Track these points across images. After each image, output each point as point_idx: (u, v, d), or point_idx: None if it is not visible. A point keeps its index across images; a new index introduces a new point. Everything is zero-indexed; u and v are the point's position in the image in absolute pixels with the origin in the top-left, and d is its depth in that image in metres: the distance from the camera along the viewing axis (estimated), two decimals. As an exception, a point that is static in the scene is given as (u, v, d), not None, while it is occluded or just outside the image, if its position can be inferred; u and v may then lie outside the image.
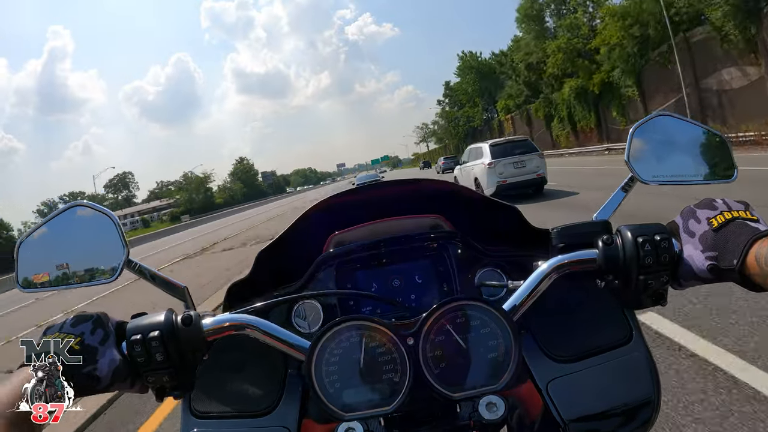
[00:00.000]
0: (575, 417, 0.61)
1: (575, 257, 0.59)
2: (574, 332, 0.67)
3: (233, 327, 0.58)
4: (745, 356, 2.12)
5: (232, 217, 35.93)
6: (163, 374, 0.53)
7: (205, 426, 0.65)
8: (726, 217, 0.52)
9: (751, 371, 2.00)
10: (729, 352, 2.18)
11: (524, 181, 9.71)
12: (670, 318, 2.63)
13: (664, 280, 0.55)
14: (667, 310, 2.64)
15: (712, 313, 2.61)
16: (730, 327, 2.41)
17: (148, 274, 0.63)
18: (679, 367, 2.15)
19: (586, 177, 12.13)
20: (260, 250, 0.78)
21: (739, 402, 1.82)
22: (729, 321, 2.48)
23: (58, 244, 0.63)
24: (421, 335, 0.54)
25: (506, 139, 11.14)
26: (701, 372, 2.07)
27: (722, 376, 2.00)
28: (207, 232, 22.34)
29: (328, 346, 0.55)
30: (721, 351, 2.20)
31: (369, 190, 0.86)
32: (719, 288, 2.59)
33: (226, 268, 8.13)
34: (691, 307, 2.72)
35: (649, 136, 0.67)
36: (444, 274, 0.79)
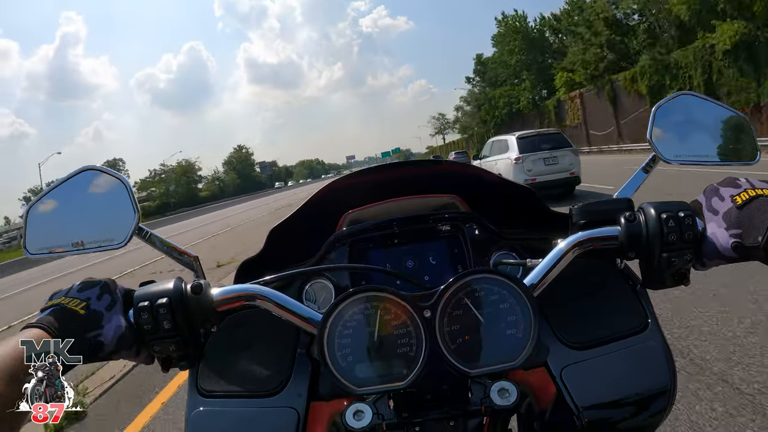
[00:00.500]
0: (589, 404, 0.60)
1: (597, 234, 0.58)
2: (589, 319, 0.66)
3: (244, 297, 0.57)
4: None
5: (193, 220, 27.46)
6: (170, 343, 0.52)
7: (211, 405, 0.64)
8: (750, 195, 0.51)
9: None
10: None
11: (555, 180, 8.39)
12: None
13: (687, 258, 0.54)
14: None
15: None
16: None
17: (158, 242, 0.62)
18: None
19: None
20: (273, 227, 0.76)
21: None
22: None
23: (68, 209, 0.62)
24: (438, 308, 0.53)
25: (535, 132, 9.86)
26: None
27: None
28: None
29: (341, 318, 0.54)
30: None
31: (386, 171, 0.85)
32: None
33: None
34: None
35: (672, 115, 0.66)
36: (459, 256, 0.77)
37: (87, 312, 0.50)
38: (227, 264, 7.22)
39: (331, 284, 0.74)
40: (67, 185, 0.62)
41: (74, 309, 0.50)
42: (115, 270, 9.17)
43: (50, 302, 0.51)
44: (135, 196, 0.59)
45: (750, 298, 2.84)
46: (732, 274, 2.93)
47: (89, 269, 11.43)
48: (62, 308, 0.50)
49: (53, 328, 0.47)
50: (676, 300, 2.91)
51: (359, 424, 0.53)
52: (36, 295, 8.75)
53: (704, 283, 3.01)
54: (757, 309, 2.69)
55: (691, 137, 0.66)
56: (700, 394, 1.99)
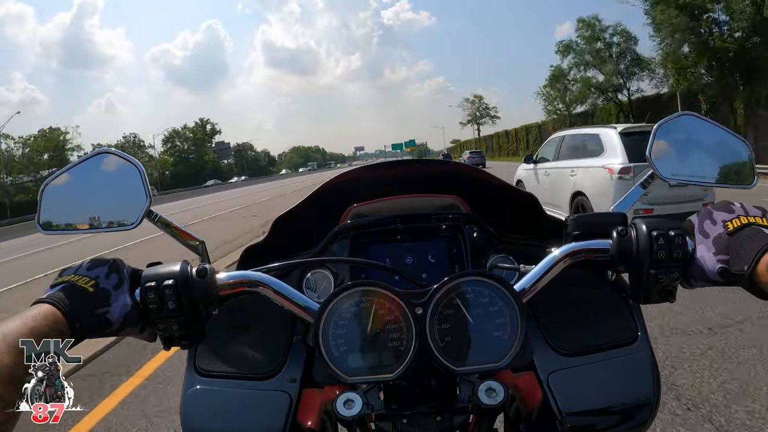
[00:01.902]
0: (573, 411, 0.61)
1: (589, 245, 0.60)
2: (579, 327, 0.68)
3: (246, 284, 0.59)
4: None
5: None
6: (173, 323, 0.54)
7: (207, 384, 0.67)
8: (742, 222, 0.53)
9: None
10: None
11: (680, 214, 4.81)
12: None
13: (674, 276, 0.56)
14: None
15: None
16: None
17: (166, 226, 0.65)
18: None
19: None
20: (278, 216, 0.79)
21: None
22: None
23: (82, 189, 0.64)
24: (430, 306, 0.55)
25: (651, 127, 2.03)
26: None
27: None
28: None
29: (337, 310, 0.56)
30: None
31: (393, 167, 0.87)
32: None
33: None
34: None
35: (672, 134, 0.67)
36: (457, 256, 0.79)
37: (96, 290, 0.52)
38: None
39: (331, 275, 0.76)
40: (83, 166, 0.64)
41: (84, 287, 0.52)
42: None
43: (60, 279, 0.53)
44: (148, 181, 0.62)
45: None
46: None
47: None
48: (72, 285, 0.52)
49: (63, 304, 0.49)
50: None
51: (349, 412, 0.55)
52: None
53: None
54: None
55: (690, 157, 0.68)
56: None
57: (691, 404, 2.11)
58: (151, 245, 8.00)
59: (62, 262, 0.73)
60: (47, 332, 0.46)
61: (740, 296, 2.98)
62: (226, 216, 14.31)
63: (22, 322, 0.45)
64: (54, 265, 7.12)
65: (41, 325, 0.46)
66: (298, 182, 34.54)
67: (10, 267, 9.50)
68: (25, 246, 12.61)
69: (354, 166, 0.88)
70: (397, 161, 0.87)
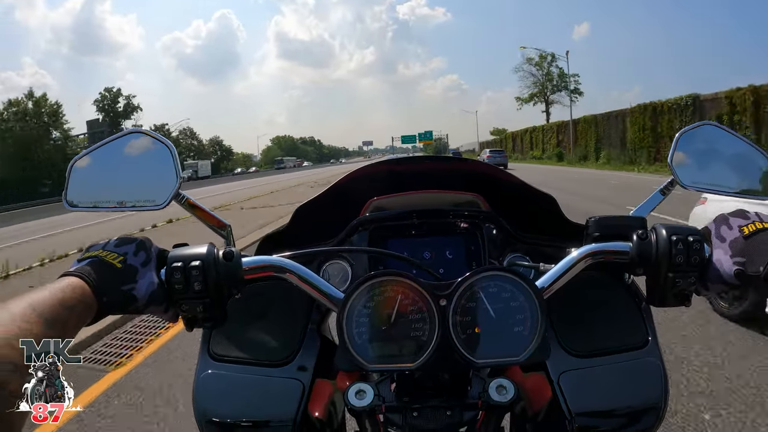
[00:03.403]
0: (583, 411, 0.62)
1: (609, 247, 0.61)
2: (592, 329, 0.68)
3: (272, 268, 0.60)
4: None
5: None
6: (198, 304, 0.54)
7: (220, 368, 0.67)
8: (757, 227, 0.55)
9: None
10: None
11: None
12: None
13: (691, 280, 0.57)
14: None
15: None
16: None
17: (193, 208, 0.65)
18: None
19: None
20: (299, 205, 0.79)
21: None
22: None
23: (110, 167, 0.64)
24: (454, 298, 0.56)
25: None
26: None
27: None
28: None
29: (361, 298, 0.56)
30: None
31: (413, 163, 0.88)
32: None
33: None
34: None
35: (694, 143, 0.68)
36: (474, 253, 0.80)
37: (123, 266, 0.53)
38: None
39: (348, 266, 0.77)
40: (113, 145, 0.64)
41: (111, 262, 0.52)
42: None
43: (88, 254, 0.53)
44: (179, 162, 0.62)
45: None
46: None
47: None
48: (100, 260, 0.52)
49: (92, 278, 0.49)
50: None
51: (360, 402, 0.56)
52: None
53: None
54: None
55: (711, 166, 0.69)
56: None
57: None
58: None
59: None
60: (75, 305, 0.47)
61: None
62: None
63: (50, 294, 0.46)
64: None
65: (69, 297, 0.46)
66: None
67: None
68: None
69: (373, 160, 0.89)
70: (417, 157, 0.88)
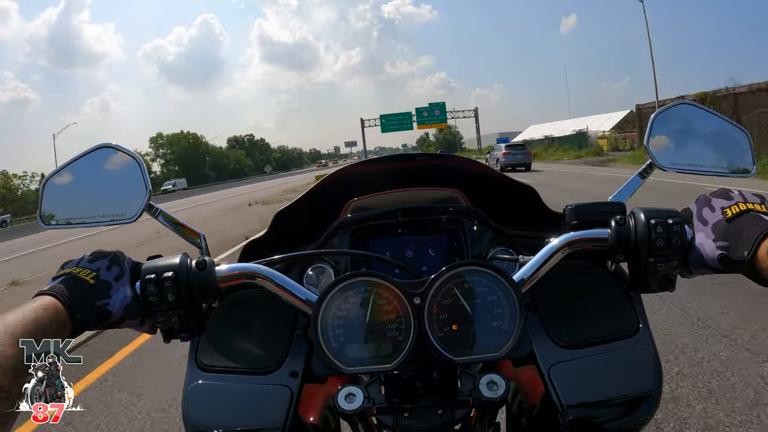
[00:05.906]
0: (575, 403, 0.61)
1: (587, 235, 0.60)
2: (581, 319, 0.67)
3: (245, 275, 0.59)
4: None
5: None
6: (173, 315, 0.54)
7: (209, 378, 0.67)
8: (740, 208, 0.52)
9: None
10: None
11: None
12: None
13: (673, 264, 0.55)
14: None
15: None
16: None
17: (166, 219, 0.65)
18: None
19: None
20: (278, 210, 0.79)
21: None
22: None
23: (83, 183, 0.65)
24: (428, 296, 0.55)
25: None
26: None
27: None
28: None
29: (335, 301, 0.56)
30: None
31: (391, 162, 0.87)
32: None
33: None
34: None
35: (671, 123, 0.67)
36: (457, 249, 0.80)
37: (96, 282, 0.52)
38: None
39: (331, 269, 0.76)
40: (84, 160, 0.64)
41: (84, 278, 0.52)
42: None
43: (62, 271, 0.53)
44: (147, 175, 0.62)
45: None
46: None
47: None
48: (73, 277, 0.52)
49: (64, 296, 0.49)
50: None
51: (350, 406, 0.56)
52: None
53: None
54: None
55: (689, 146, 0.67)
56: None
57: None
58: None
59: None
60: (48, 324, 0.46)
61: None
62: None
63: (23, 315, 0.46)
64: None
65: (42, 316, 0.46)
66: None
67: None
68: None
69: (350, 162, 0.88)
70: (396, 156, 0.87)
